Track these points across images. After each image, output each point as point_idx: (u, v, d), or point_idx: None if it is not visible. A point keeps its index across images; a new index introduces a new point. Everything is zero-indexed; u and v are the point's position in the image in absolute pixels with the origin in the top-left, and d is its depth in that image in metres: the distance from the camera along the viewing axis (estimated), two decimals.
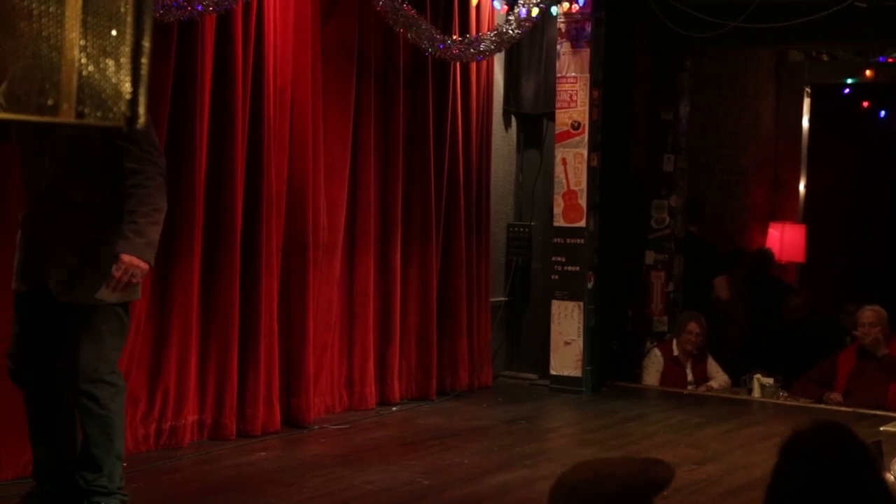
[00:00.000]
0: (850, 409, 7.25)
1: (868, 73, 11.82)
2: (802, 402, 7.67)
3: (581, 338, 7.84)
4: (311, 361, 6.46)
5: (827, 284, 11.71)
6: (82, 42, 1.36)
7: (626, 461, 2.30)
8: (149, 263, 4.31)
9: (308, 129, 6.43)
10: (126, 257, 4.21)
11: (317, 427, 6.42)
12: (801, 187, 12.21)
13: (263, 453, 5.81)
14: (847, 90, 12.38)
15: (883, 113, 13.29)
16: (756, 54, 11.43)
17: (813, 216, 12.13)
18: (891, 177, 13.37)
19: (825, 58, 12.05)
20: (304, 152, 6.42)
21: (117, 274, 4.20)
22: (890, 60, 11.67)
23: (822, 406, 7.54)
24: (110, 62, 1.37)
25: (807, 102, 12.12)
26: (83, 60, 1.36)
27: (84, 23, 1.43)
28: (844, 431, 2.43)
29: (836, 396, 7.57)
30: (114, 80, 1.38)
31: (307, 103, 6.42)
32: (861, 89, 12.42)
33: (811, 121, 12.17)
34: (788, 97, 12.14)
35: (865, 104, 13.06)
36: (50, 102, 1.36)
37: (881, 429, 6.62)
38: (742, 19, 7.59)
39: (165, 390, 5.73)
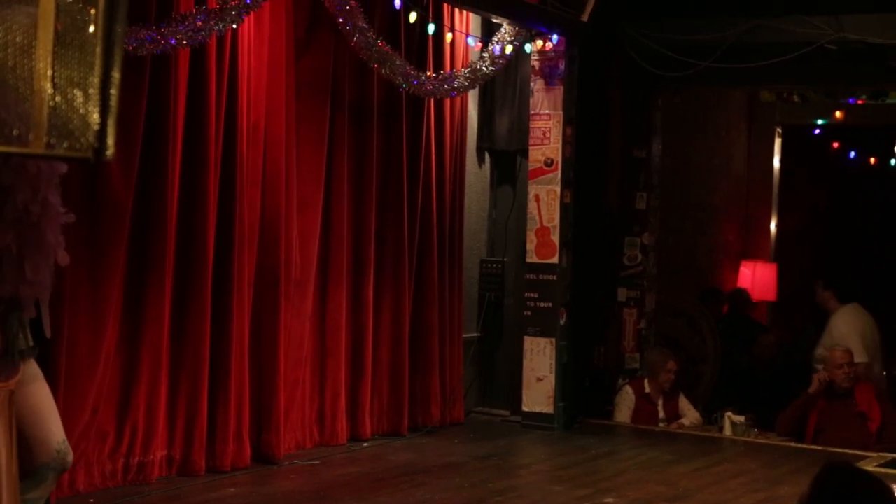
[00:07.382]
0: (820, 448, 7.25)
1: (838, 114, 11.95)
2: (773, 441, 7.68)
3: (553, 374, 7.83)
4: (281, 397, 6.42)
5: (797, 323, 11.74)
6: (50, 72, 1.35)
7: None
8: None
9: (281, 165, 6.42)
10: None
11: (287, 463, 6.37)
12: (773, 226, 12.29)
13: (233, 489, 5.76)
14: (817, 131, 12.50)
15: (852, 153, 13.41)
16: (728, 94, 11.53)
17: (784, 255, 12.20)
18: (859, 217, 13.47)
19: (796, 99, 12.17)
20: (277, 187, 6.41)
21: None
22: (860, 102, 11.82)
23: (794, 444, 7.54)
24: (78, 93, 1.36)
25: (778, 142, 12.22)
26: (50, 91, 1.35)
27: (53, 53, 1.41)
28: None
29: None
30: (81, 111, 1.37)
31: (281, 138, 6.41)
32: (831, 130, 12.54)
33: (782, 160, 12.26)
34: (760, 137, 12.24)
35: (835, 145, 13.18)
36: (15, 132, 1.35)
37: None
38: (714, 59, 7.67)
39: (134, 425, 5.67)
